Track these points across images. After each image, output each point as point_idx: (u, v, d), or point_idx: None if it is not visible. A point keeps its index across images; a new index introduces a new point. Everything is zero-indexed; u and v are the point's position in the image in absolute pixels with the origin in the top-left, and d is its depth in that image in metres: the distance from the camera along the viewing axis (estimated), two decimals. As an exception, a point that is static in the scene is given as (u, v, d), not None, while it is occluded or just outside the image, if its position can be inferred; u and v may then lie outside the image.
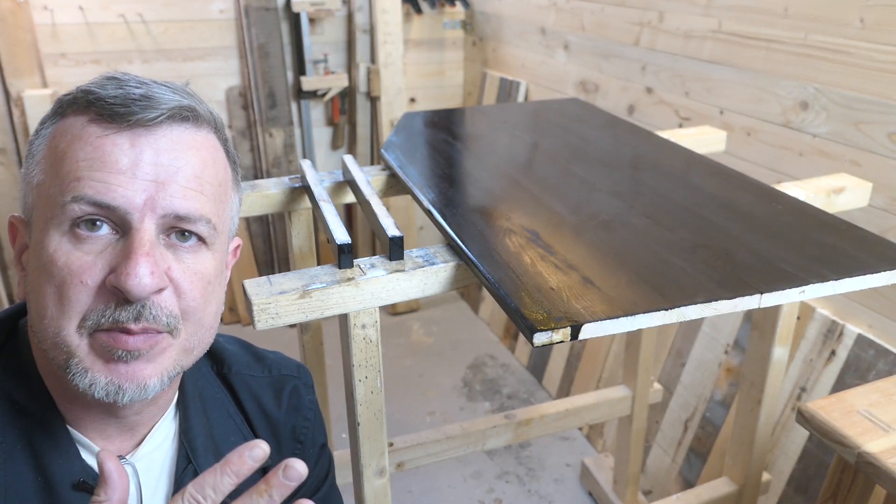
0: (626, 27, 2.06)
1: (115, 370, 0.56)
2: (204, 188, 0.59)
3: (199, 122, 0.60)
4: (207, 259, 0.60)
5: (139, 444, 0.65)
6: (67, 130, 0.57)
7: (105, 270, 0.55)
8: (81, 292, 0.54)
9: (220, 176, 0.62)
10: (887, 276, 0.90)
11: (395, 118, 2.80)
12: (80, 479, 0.60)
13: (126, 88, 0.57)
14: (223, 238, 0.63)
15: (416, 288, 0.94)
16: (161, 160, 0.56)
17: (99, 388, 0.56)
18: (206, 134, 0.61)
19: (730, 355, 1.73)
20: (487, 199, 1.14)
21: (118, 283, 0.53)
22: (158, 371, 0.58)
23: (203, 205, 0.58)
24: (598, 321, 0.78)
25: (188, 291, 0.58)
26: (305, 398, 0.81)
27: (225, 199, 0.63)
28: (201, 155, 0.59)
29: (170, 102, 0.57)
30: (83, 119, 0.57)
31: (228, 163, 0.64)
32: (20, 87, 2.34)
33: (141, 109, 0.56)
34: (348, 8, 2.77)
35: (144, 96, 0.56)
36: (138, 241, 0.54)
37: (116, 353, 0.55)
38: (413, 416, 2.28)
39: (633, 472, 1.77)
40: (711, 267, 0.89)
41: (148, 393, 0.58)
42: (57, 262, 0.54)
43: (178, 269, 0.58)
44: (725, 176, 1.22)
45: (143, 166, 0.55)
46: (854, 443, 0.90)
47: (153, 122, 0.56)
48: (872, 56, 1.38)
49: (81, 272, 0.54)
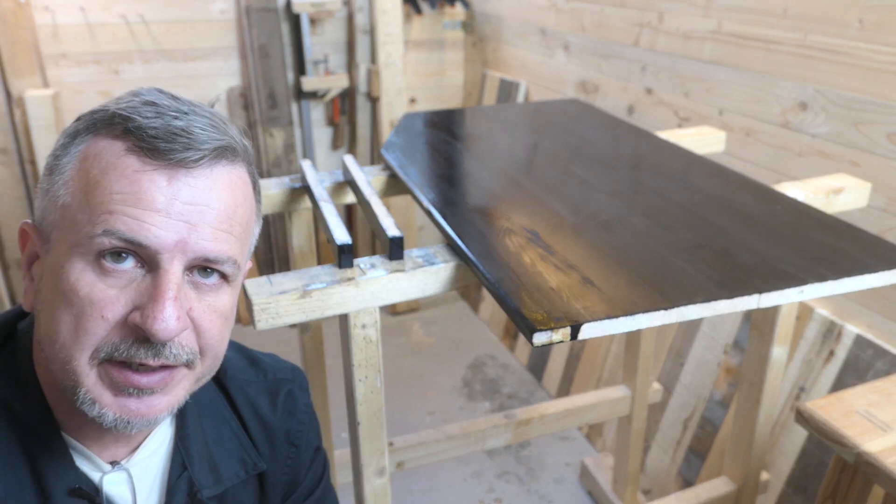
0: (625, 28, 2.07)
1: (125, 406, 0.56)
2: (234, 229, 0.58)
3: (235, 158, 0.59)
4: (226, 295, 0.60)
5: (135, 449, 0.65)
6: (101, 156, 0.55)
7: (128, 307, 0.54)
8: (100, 326, 0.54)
9: (247, 214, 0.61)
10: (886, 277, 0.90)
11: (395, 118, 2.80)
12: (75, 486, 0.60)
13: (165, 119, 0.55)
14: (243, 272, 0.63)
15: (416, 288, 0.94)
16: (196, 200, 0.55)
17: (108, 421, 0.56)
18: (239, 170, 0.60)
19: (729, 355, 1.73)
20: (487, 199, 1.15)
21: (144, 325, 0.53)
22: (171, 403, 0.58)
23: (231, 246, 0.58)
24: (598, 321, 0.78)
25: (208, 330, 0.58)
26: (300, 402, 0.81)
27: (249, 235, 0.63)
28: (234, 195, 0.59)
29: (211, 142, 0.56)
30: (120, 146, 0.55)
31: (254, 194, 0.63)
32: (21, 87, 2.34)
33: (184, 148, 0.54)
34: (349, 9, 2.77)
35: (185, 131, 0.55)
36: (166, 284, 0.54)
37: (126, 389, 0.55)
38: (413, 416, 2.29)
39: (632, 472, 1.77)
40: (711, 267, 0.90)
41: (157, 424, 0.58)
42: (79, 292, 0.53)
43: (199, 309, 0.57)
44: (725, 176, 1.23)
45: (178, 206, 0.54)
46: (853, 442, 0.90)
47: (195, 164, 0.55)
48: (872, 57, 1.38)
49: (103, 306, 0.54)
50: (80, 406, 0.56)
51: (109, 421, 0.56)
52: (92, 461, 0.62)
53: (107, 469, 0.63)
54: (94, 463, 0.63)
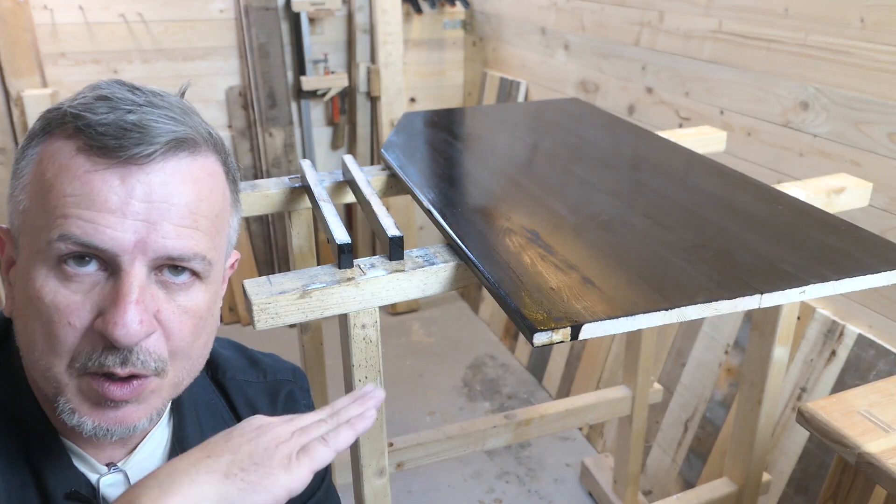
0: (626, 27, 2.06)
1: (104, 415, 0.55)
2: (199, 223, 0.55)
3: (196, 149, 0.56)
4: (200, 294, 0.58)
5: (132, 451, 0.65)
6: (54, 157, 0.53)
7: (93, 312, 0.52)
8: (69, 333, 0.52)
9: (216, 206, 0.58)
10: (887, 277, 0.89)
11: (395, 118, 2.79)
12: (72, 489, 0.60)
13: (117, 112, 0.52)
14: (218, 268, 0.60)
15: (416, 288, 0.94)
16: (153, 197, 0.52)
17: (87, 430, 0.55)
18: (203, 160, 0.57)
19: (730, 355, 1.72)
20: (487, 199, 1.14)
21: (105, 331, 0.51)
22: (148, 412, 0.57)
23: (197, 242, 0.55)
24: (598, 321, 0.78)
25: (177, 333, 0.56)
26: (301, 403, 0.80)
27: (222, 229, 0.60)
28: (197, 187, 0.55)
29: (165, 134, 0.53)
30: (71, 147, 0.53)
31: (228, 184, 0.61)
32: (20, 86, 2.34)
33: (134, 144, 0.52)
34: (348, 8, 2.76)
35: (137, 125, 0.52)
36: (127, 287, 0.52)
37: (104, 400, 0.54)
38: (413, 416, 2.28)
39: (633, 472, 1.77)
40: (711, 267, 0.89)
41: (136, 431, 0.57)
42: (44, 299, 0.52)
43: (167, 311, 0.55)
44: (725, 176, 1.22)
45: (134, 205, 0.52)
46: (854, 443, 0.90)
47: (147, 159, 0.52)
48: (873, 56, 1.38)
49: (69, 313, 0.52)
50: (59, 416, 0.55)
51: (89, 430, 0.55)
52: (89, 463, 0.62)
53: (103, 471, 0.62)
54: (91, 465, 0.62)
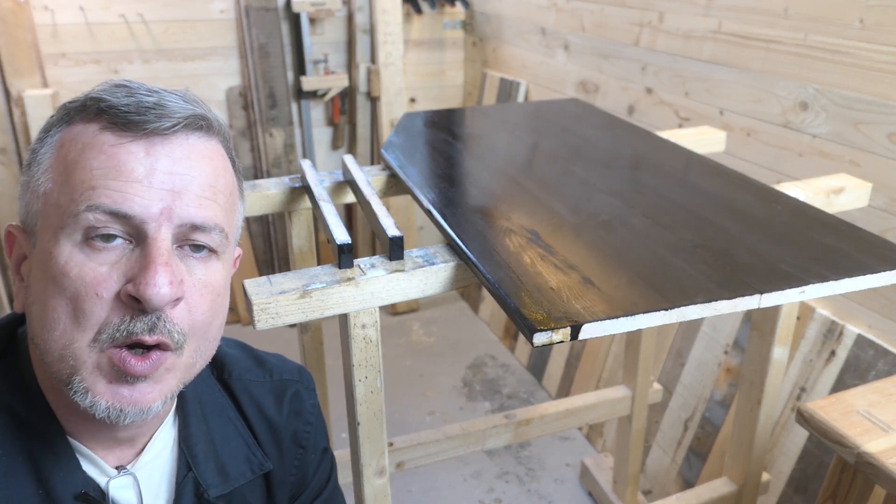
0: (626, 27, 2.07)
1: (118, 394, 0.55)
2: (217, 197, 0.59)
3: (211, 131, 0.60)
4: (217, 269, 0.60)
5: (139, 452, 0.65)
6: (77, 138, 0.56)
7: (120, 282, 0.54)
8: (97, 305, 0.53)
9: (229, 185, 0.62)
10: (887, 277, 0.90)
11: (395, 118, 2.80)
12: (81, 491, 0.60)
13: (137, 96, 0.56)
14: (232, 247, 0.63)
15: (416, 288, 0.94)
16: (176, 169, 0.56)
17: (100, 410, 0.55)
18: (216, 143, 0.61)
19: (729, 355, 1.73)
20: (487, 199, 1.14)
21: (137, 292, 0.53)
22: (162, 393, 0.58)
23: (217, 213, 0.58)
24: (598, 321, 0.78)
25: (198, 305, 0.58)
26: (307, 402, 0.80)
27: (234, 209, 0.63)
28: (214, 164, 0.59)
29: (184, 111, 0.57)
30: (94, 127, 0.56)
31: (234, 172, 0.64)
32: (20, 86, 2.34)
33: (156, 118, 0.55)
34: (348, 8, 2.77)
35: (157, 104, 0.56)
36: (157, 251, 0.54)
37: (122, 376, 0.55)
38: (413, 416, 2.28)
39: (632, 472, 1.77)
40: (711, 267, 0.89)
41: (150, 414, 0.57)
42: (69, 273, 0.53)
43: (189, 282, 0.57)
44: (725, 176, 1.22)
45: (159, 175, 0.55)
46: (853, 443, 0.90)
47: (169, 130, 0.56)
48: (872, 56, 1.38)
49: (96, 284, 0.53)
50: (72, 397, 0.55)
51: (102, 410, 0.55)
52: (98, 465, 0.62)
53: (112, 473, 0.63)
54: (100, 467, 0.62)
